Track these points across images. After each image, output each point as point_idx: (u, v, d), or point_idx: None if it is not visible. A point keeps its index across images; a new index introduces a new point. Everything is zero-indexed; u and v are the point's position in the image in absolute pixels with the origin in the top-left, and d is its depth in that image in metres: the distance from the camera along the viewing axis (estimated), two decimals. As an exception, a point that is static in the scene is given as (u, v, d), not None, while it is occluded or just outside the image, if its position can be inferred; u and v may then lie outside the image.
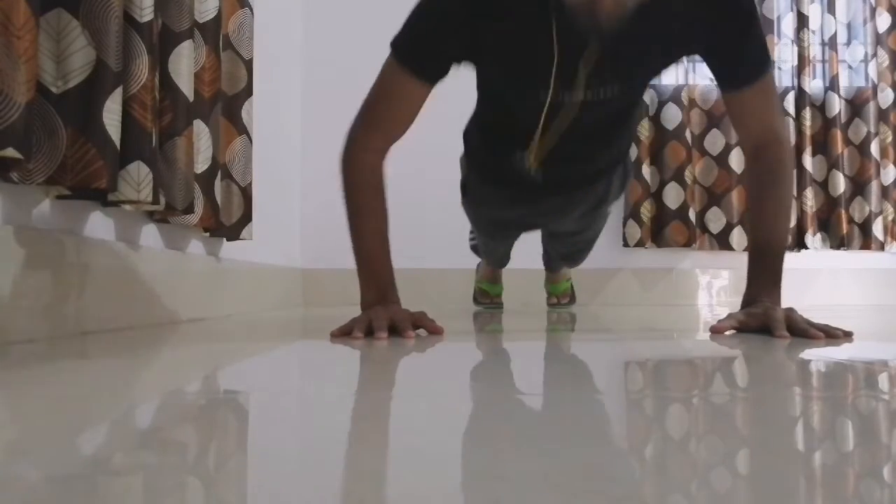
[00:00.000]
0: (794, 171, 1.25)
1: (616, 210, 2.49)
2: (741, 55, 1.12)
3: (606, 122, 1.27)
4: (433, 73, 1.11)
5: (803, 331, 1.01)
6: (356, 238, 1.15)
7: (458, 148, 1.65)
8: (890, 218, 2.82)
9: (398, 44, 1.10)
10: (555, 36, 1.07)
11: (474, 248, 2.17)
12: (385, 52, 1.14)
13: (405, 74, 1.10)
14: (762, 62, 1.13)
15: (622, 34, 1.00)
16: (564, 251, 1.98)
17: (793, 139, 2.71)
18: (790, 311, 1.07)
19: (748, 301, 1.14)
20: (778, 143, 1.17)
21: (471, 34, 1.08)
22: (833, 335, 1.01)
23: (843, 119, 2.82)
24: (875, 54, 2.83)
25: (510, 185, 1.45)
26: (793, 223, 2.73)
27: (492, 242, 1.92)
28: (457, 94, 1.43)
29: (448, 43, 1.10)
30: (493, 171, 1.47)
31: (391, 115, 1.15)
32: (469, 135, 1.51)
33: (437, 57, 1.11)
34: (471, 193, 1.61)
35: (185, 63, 1.31)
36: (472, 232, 2.10)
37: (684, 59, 1.23)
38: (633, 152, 2.68)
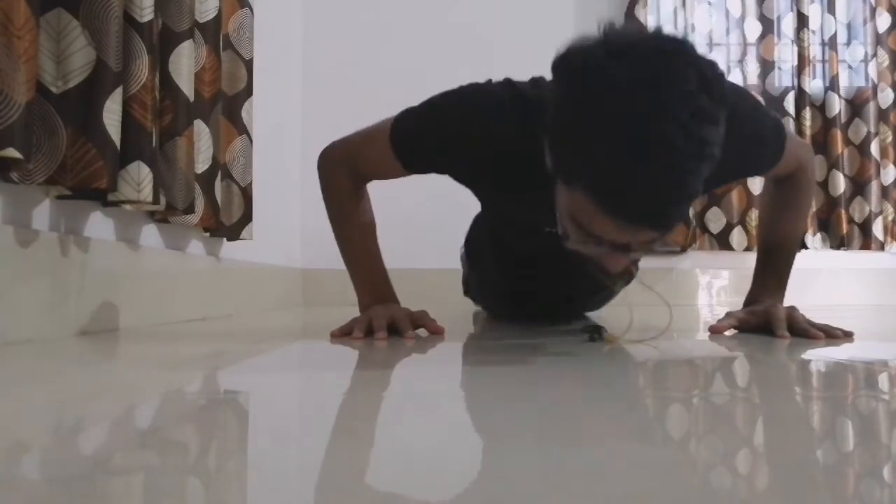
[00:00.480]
0: (815, 184, 1.23)
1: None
2: (761, 169, 1.12)
3: None
4: (421, 171, 1.08)
5: (804, 331, 1.01)
6: (343, 244, 1.15)
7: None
8: (890, 218, 2.82)
9: (398, 131, 1.04)
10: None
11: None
12: (386, 51, 1.14)
13: (394, 158, 1.05)
14: (779, 151, 1.08)
15: None
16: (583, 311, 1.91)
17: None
18: (792, 310, 1.06)
19: (751, 300, 1.14)
20: (802, 168, 1.16)
21: (471, 174, 1.06)
22: (833, 335, 1.00)
23: (843, 119, 2.82)
24: (875, 54, 2.83)
25: (516, 260, 1.43)
26: (793, 223, 2.72)
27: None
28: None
29: (446, 167, 1.07)
30: (499, 250, 1.44)
31: (371, 169, 1.12)
32: (477, 246, 1.51)
33: (429, 166, 1.07)
34: (475, 292, 1.62)
35: (185, 63, 1.31)
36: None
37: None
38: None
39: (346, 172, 1.14)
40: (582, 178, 0.77)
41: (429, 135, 1.02)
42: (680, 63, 0.72)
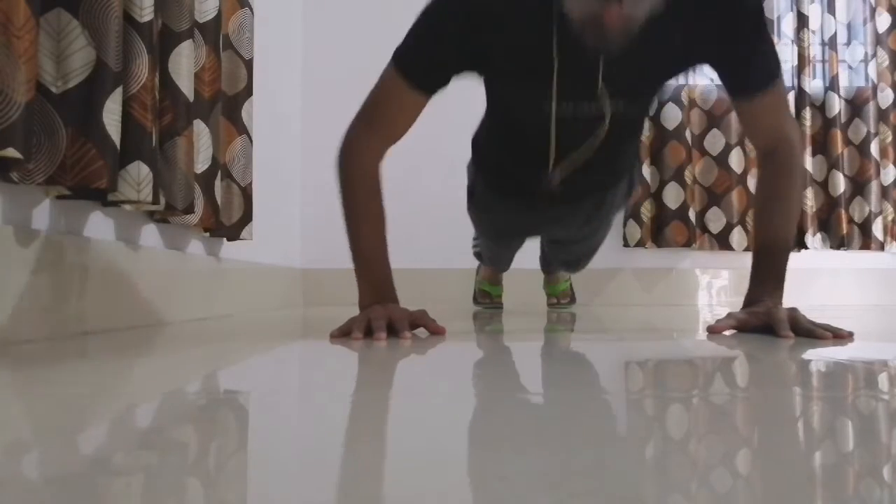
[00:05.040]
0: (805, 174, 1.24)
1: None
2: (751, 62, 1.11)
3: (616, 134, 1.26)
4: (432, 85, 1.12)
5: (809, 331, 1.01)
6: (354, 239, 1.15)
7: (459, 149, 1.65)
8: (890, 218, 2.82)
9: (399, 54, 1.11)
10: (555, 47, 1.06)
11: (478, 255, 2.17)
12: (385, 52, 1.14)
13: (404, 84, 1.10)
14: (772, 69, 1.12)
15: (628, 47, 0.99)
16: (566, 258, 1.97)
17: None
18: (793, 310, 1.06)
19: (750, 301, 1.14)
20: (789, 145, 1.17)
21: (472, 46, 1.08)
22: (840, 335, 1.00)
23: (843, 119, 2.82)
24: (875, 54, 2.83)
25: (519, 195, 1.45)
26: (793, 223, 2.73)
27: (496, 248, 1.92)
28: (458, 94, 1.42)
29: (449, 55, 1.10)
30: (503, 182, 1.47)
31: (388, 121, 1.15)
32: (479, 144, 1.51)
33: (437, 69, 1.11)
34: (477, 200, 1.61)
35: (185, 63, 1.31)
36: (475, 238, 2.09)
37: (693, 68, 1.22)
38: (638, 162, 2.67)
39: (368, 145, 1.16)
40: None
41: (421, 34, 1.09)
42: None
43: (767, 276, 1.14)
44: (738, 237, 2.78)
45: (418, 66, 1.10)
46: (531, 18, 1.07)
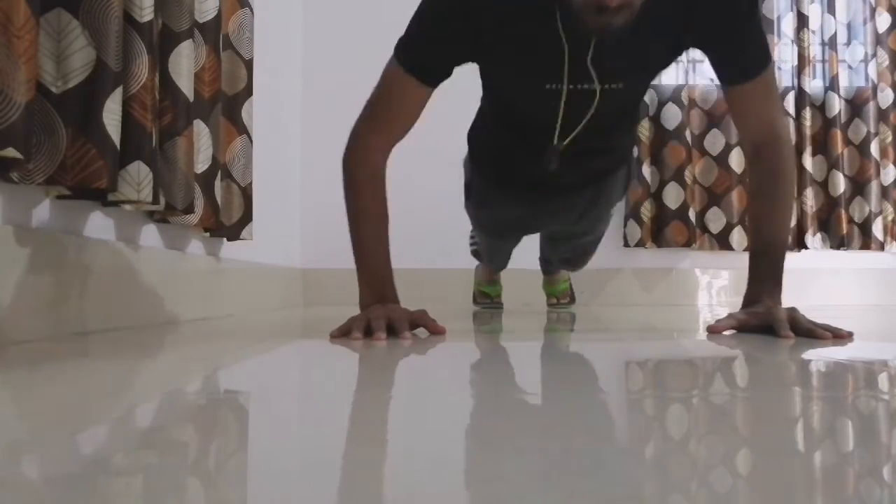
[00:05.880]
0: (795, 170, 1.24)
1: (617, 210, 2.50)
2: (742, 47, 1.12)
3: (614, 115, 1.27)
4: (435, 77, 1.12)
5: (809, 331, 1.01)
6: (356, 238, 1.15)
7: (459, 148, 1.65)
8: (890, 218, 2.82)
9: (400, 47, 1.11)
10: (561, 29, 1.07)
11: (475, 254, 2.16)
12: (385, 52, 1.14)
13: (407, 77, 1.10)
14: (762, 56, 1.13)
15: (627, 27, 1.00)
16: (566, 255, 1.97)
17: (793, 139, 2.71)
18: (793, 310, 1.06)
19: (749, 301, 1.14)
20: (779, 141, 1.17)
21: (473, 35, 1.08)
22: (840, 335, 1.00)
23: (843, 119, 2.82)
24: (875, 54, 2.83)
25: (518, 185, 1.45)
26: (793, 223, 2.73)
27: (494, 245, 1.92)
28: (458, 93, 1.43)
29: (450, 46, 1.10)
30: (502, 171, 1.47)
31: (393, 116, 1.15)
32: (476, 135, 1.51)
33: (439, 60, 1.11)
34: (475, 195, 1.61)
35: (185, 63, 1.31)
36: (472, 236, 2.09)
37: (686, 54, 1.24)
38: (634, 152, 2.67)
39: (374, 144, 1.16)
40: None
41: (422, 25, 1.09)
42: None
43: (766, 276, 1.14)
44: (738, 237, 2.78)
45: (420, 59, 1.10)
46: (532, 6, 1.07)
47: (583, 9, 0.96)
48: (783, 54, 2.83)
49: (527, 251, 2.11)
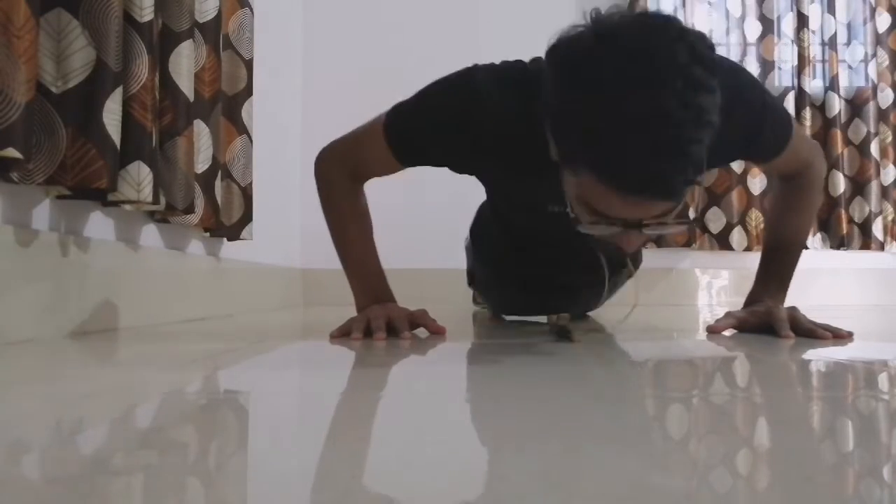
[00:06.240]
0: (823, 182, 1.19)
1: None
2: (765, 150, 1.07)
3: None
4: (413, 163, 1.07)
5: (810, 331, 1.01)
6: (341, 246, 1.15)
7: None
8: (890, 218, 2.82)
9: (392, 115, 1.04)
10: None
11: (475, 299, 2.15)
12: (384, 53, 1.14)
13: (388, 149, 1.04)
14: (786, 134, 1.06)
15: None
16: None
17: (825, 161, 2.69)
18: (793, 310, 1.06)
19: (752, 300, 1.14)
20: (812, 169, 1.16)
21: (470, 148, 1.00)
22: (840, 335, 1.00)
23: (843, 119, 2.82)
24: (875, 54, 2.83)
25: (529, 289, 1.43)
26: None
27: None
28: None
29: (438, 150, 1.04)
30: (511, 278, 1.45)
31: (361, 163, 1.12)
32: (479, 238, 1.49)
33: (421, 157, 1.06)
34: (478, 282, 1.61)
35: (185, 63, 1.31)
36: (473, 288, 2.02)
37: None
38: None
39: (342, 172, 1.14)
40: (584, 160, 0.77)
41: (422, 125, 1.02)
42: (669, 38, 0.73)
43: (772, 277, 1.14)
44: (738, 237, 2.78)
45: (404, 143, 1.04)
46: (536, 132, 0.93)
47: (602, 242, 0.91)
48: (783, 54, 2.83)
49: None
